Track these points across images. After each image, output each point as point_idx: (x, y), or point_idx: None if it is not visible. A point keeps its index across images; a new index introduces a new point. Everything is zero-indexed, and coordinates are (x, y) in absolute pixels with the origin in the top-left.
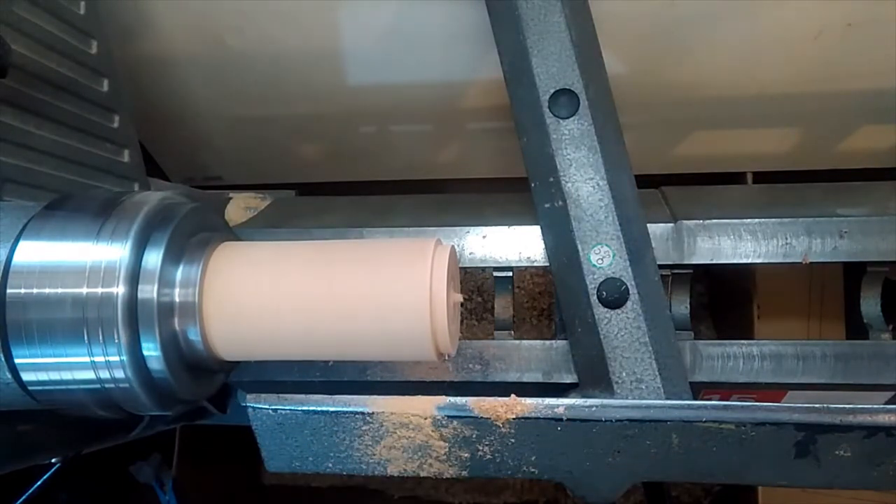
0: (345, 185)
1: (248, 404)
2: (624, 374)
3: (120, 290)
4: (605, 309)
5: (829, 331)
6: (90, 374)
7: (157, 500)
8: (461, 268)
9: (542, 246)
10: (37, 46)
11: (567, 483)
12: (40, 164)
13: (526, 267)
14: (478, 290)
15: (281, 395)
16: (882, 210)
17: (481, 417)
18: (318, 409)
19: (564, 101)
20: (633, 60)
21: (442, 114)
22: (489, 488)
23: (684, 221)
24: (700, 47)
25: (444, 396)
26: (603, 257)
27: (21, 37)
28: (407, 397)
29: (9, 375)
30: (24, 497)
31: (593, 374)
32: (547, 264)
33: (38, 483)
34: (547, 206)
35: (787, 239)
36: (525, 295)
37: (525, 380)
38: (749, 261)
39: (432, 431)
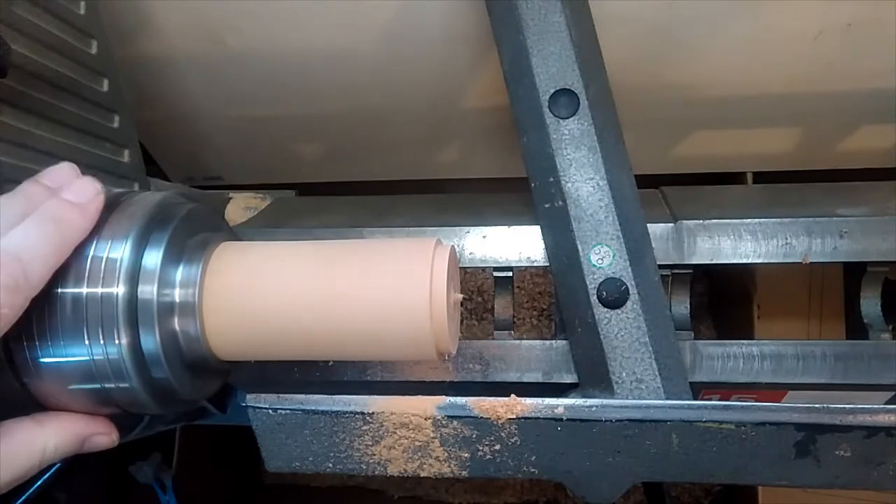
0: (345, 185)
1: (248, 404)
2: (624, 374)
3: (120, 289)
4: (605, 309)
5: (829, 331)
6: (90, 375)
7: (157, 500)
8: (461, 268)
9: (542, 246)
10: (37, 46)
11: (567, 483)
12: (40, 164)
13: (526, 267)
14: (478, 290)
15: (281, 395)
16: (882, 210)
17: (481, 417)
18: (318, 409)
19: (564, 101)
20: (633, 60)
21: (442, 114)
22: (489, 488)
23: (684, 221)
24: (700, 47)
25: (444, 396)
26: (603, 257)
27: (21, 37)
28: (407, 397)
29: (9, 375)
30: (24, 497)
31: (593, 374)
32: (547, 264)
33: (39, 483)
34: (547, 206)
35: (787, 239)
36: (525, 295)
37: (525, 380)
38: (749, 261)
39: (432, 431)
